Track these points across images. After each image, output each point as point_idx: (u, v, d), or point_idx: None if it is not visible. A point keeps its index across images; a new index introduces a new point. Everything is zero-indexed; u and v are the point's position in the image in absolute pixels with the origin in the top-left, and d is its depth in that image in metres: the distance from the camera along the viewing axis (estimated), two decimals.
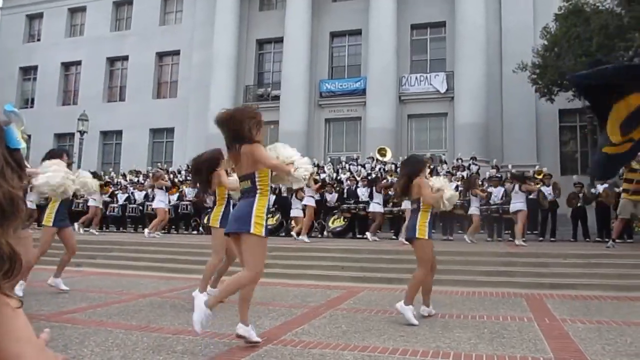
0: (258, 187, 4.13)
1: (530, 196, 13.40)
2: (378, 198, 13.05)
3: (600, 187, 12.86)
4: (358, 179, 15.15)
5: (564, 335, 4.58)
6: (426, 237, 5.24)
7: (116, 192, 17.15)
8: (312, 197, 12.51)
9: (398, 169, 16.08)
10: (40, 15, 30.02)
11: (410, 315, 5.01)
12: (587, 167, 17.57)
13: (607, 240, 11.22)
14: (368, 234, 12.58)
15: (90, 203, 14.61)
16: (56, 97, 28.49)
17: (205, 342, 4.21)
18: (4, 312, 0.76)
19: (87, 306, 5.84)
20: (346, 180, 15.40)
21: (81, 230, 14.11)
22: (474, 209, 12.56)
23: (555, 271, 8.25)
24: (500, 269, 8.45)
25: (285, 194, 14.53)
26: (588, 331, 4.73)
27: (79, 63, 28.63)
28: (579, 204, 13.07)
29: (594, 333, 4.64)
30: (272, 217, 14.44)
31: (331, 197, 14.34)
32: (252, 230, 3.97)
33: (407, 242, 6.28)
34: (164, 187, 13.69)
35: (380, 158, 17.93)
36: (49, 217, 6.39)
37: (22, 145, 0.81)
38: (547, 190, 13.50)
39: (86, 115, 21.41)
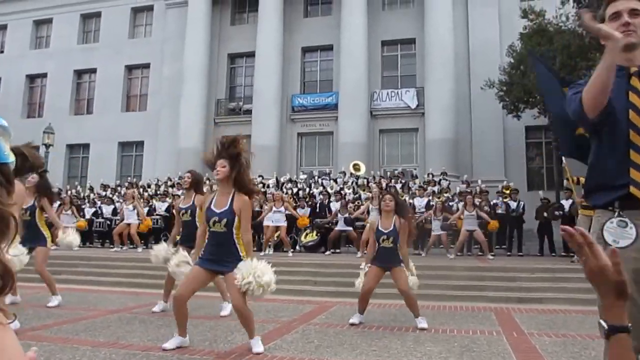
0: None
1: (499, 211, 13.71)
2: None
3: (566, 204, 13.17)
4: (331, 192, 15.21)
5: (531, 349, 4.67)
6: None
7: (83, 206, 16.79)
8: (282, 213, 12.79)
9: (370, 184, 16.27)
10: (4, 27, 29.36)
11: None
12: (553, 182, 18.00)
13: (572, 254, 11.49)
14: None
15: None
16: (21, 109, 27.82)
17: (175, 357, 4.15)
18: None
19: (53, 323, 5.69)
20: (319, 194, 15.43)
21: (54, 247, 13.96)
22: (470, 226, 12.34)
23: (523, 285, 8.42)
24: (470, 283, 8.58)
25: (258, 208, 14.46)
26: (554, 345, 4.83)
27: (44, 75, 28.03)
28: (544, 215, 13.36)
29: (559, 347, 4.74)
30: None
31: (303, 212, 14.33)
32: None
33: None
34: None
35: (354, 172, 18.07)
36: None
37: (11, 159, 0.79)
38: (513, 205, 13.81)
39: (52, 128, 20.97)
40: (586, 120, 2.03)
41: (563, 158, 9.49)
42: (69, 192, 19.02)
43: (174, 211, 6.71)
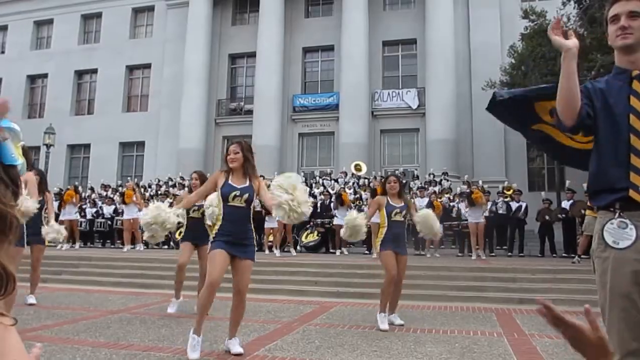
0: None
1: (500, 211, 13.70)
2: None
3: (568, 205, 13.16)
4: (332, 192, 15.21)
5: (532, 350, 4.66)
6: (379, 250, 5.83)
7: (84, 206, 16.81)
8: None
9: (371, 184, 16.28)
10: (4, 28, 29.39)
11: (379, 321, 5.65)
12: (554, 183, 17.99)
13: (573, 255, 11.49)
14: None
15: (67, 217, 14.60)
16: (21, 110, 27.81)
17: (176, 358, 4.14)
18: None
19: (53, 323, 5.69)
20: (319, 194, 15.42)
21: (65, 246, 14.16)
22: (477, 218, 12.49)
23: (523, 286, 8.41)
24: (471, 284, 8.57)
25: (258, 209, 14.44)
26: (555, 346, 4.82)
27: (45, 76, 28.06)
28: (545, 217, 13.35)
29: (560, 348, 4.73)
30: None
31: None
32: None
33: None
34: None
35: (355, 173, 18.08)
36: None
37: (19, 161, 0.80)
38: (515, 206, 13.79)
39: (53, 128, 20.98)
40: (565, 128, 2.09)
41: None
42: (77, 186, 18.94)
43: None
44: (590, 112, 2.04)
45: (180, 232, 6.91)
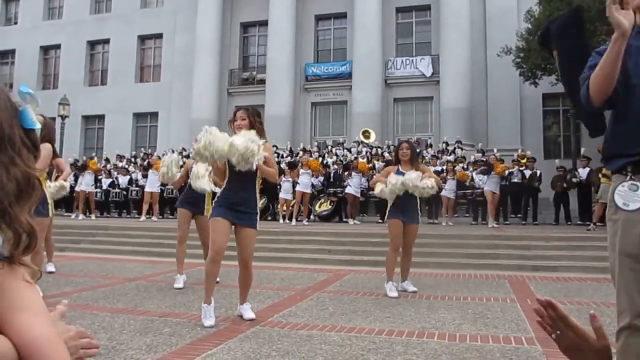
0: None
1: (515, 180, 13.60)
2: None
3: (583, 172, 13.02)
4: (344, 162, 15.19)
5: None
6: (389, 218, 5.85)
7: (99, 176, 16.99)
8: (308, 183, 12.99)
9: (384, 153, 16.22)
10: None
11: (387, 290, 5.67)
12: (569, 151, 17.74)
13: (588, 223, 11.42)
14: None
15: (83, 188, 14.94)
16: (35, 81, 27.89)
17: (192, 324, 4.22)
18: (19, 284, 0.80)
19: (72, 290, 5.81)
20: (332, 164, 15.41)
21: (80, 216, 14.48)
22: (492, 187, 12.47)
23: (537, 254, 8.40)
24: (485, 251, 8.57)
25: None
26: (568, 312, 4.69)
27: (58, 47, 28.03)
28: (564, 186, 13.22)
29: (574, 314, 4.68)
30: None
31: (317, 181, 14.37)
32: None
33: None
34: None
35: (364, 140, 17.95)
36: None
37: (38, 125, 0.85)
38: (529, 174, 13.68)
39: (67, 99, 21.05)
40: (592, 108, 2.01)
41: None
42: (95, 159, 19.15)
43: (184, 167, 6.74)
44: (619, 88, 1.93)
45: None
